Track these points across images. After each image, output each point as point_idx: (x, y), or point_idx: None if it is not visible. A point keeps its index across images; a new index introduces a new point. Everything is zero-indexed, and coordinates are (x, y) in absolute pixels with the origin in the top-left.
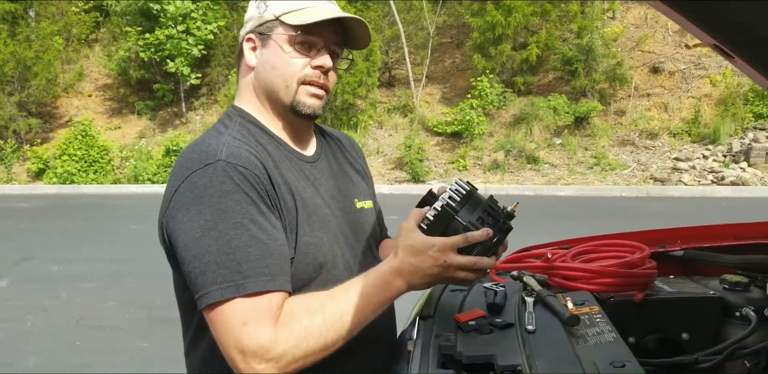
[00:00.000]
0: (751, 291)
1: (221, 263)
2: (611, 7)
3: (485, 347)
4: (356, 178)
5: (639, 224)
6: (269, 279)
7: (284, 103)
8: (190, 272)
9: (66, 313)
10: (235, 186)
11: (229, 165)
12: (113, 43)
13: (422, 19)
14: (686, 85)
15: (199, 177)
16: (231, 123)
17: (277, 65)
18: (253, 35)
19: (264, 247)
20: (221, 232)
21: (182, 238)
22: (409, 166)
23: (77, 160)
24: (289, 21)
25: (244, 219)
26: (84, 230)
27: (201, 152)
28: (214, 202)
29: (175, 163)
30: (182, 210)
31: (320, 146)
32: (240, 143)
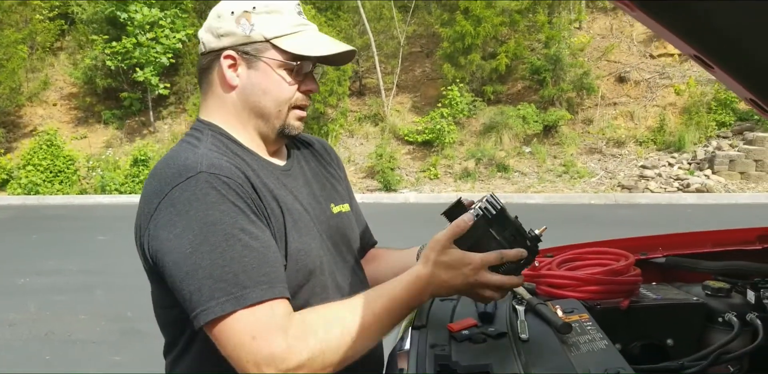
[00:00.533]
0: (732, 297)
1: (217, 276)
2: (578, 17)
3: (480, 356)
4: (331, 182)
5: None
6: (268, 287)
7: (274, 126)
8: (183, 289)
9: (34, 327)
10: (220, 197)
11: (211, 176)
12: (79, 52)
13: (392, 28)
14: (651, 95)
15: (180, 191)
16: (203, 136)
17: (270, 90)
18: (233, 53)
19: (258, 255)
20: (212, 245)
21: (171, 256)
22: (380, 175)
23: (42, 170)
24: (285, 47)
25: (234, 229)
26: (50, 241)
27: (179, 166)
28: (201, 215)
29: (148, 181)
30: (167, 227)
31: (292, 154)
32: (218, 154)
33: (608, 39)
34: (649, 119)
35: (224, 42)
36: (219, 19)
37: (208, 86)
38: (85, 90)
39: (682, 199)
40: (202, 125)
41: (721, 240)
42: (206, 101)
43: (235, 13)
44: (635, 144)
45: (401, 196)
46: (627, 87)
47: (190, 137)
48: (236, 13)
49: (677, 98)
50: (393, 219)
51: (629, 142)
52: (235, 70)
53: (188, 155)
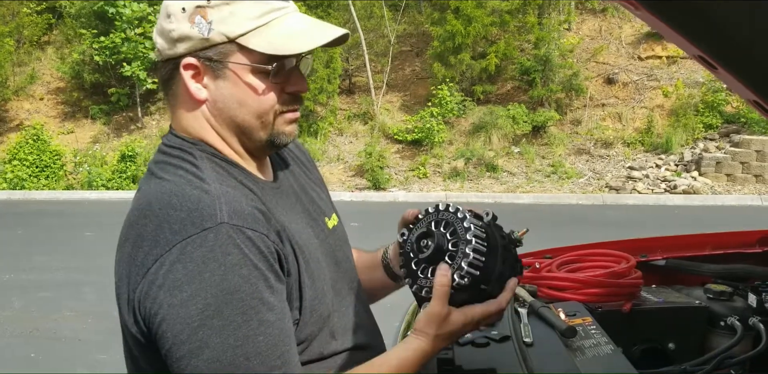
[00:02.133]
0: (734, 301)
1: (225, 360)
2: (567, 18)
3: (484, 360)
4: (316, 191)
5: (596, 232)
6: (282, 372)
7: (261, 139)
8: (183, 369)
9: (19, 324)
10: (242, 257)
11: (234, 229)
12: (67, 46)
13: (383, 27)
14: (639, 96)
15: (194, 246)
16: (198, 161)
17: (246, 101)
18: (194, 60)
19: (275, 332)
20: (226, 320)
21: (172, 326)
22: (369, 173)
23: (28, 165)
24: (253, 46)
25: (254, 300)
26: (36, 237)
27: (191, 211)
28: (218, 280)
29: (140, 219)
30: (170, 290)
31: (275, 163)
32: (233, 191)
33: (597, 41)
34: (637, 120)
35: (180, 48)
36: (169, 19)
37: (175, 99)
38: (72, 85)
39: (669, 200)
40: (186, 144)
41: (721, 243)
42: (177, 113)
43: (187, 9)
44: (623, 145)
45: (390, 195)
46: (615, 88)
47: (181, 160)
48: (188, 9)
49: (665, 99)
50: (382, 218)
51: (617, 143)
52: (200, 80)
53: (201, 195)
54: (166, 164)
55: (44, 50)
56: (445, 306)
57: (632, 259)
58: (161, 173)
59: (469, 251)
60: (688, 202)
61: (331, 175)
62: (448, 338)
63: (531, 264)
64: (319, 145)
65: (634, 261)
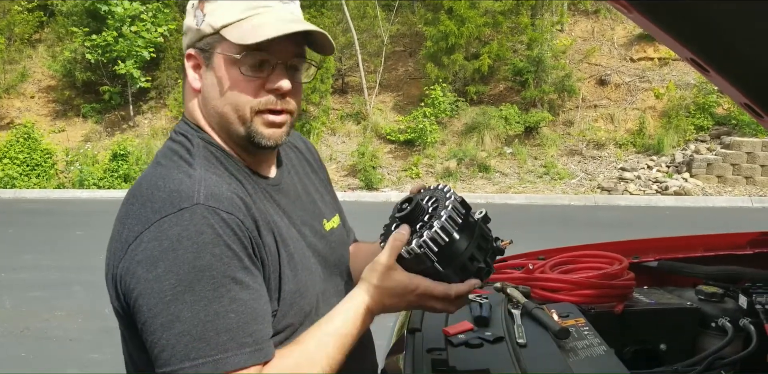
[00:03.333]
0: (725, 302)
1: (196, 334)
2: (560, 20)
3: (478, 361)
4: (321, 193)
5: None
6: (252, 350)
7: (240, 134)
8: (155, 342)
9: (10, 323)
10: (215, 237)
11: (209, 210)
12: (58, 44)
13: (376, 27)
14: (631, 98)
15: (170, 224)
16: (194, 148)
17: (225, 91)
18: (193, 51)
19: (247, 311)
20: (197, 295)
21: (147, 300)
22: (362, 173)
23: (19, 163)
24: (230, 37)
25: (225, 278)
26: (27, 236)
27: (171, 191)
28: (190, 257)
29: (130, 199)
30: (147, 265)
31: (280, 163)
32: (216, 177)
33: (589, 42)
34: (629, 121)
35: (186, 40)
36: (187, 14)
37: (185, 90)
38: (63, 83)
39: (661, 201)
40: (191, 131)
41: (713, 245)
42: (186, 102)
43: (194, 4)
44: (615, 146)
45: (383, 195)
46: (607, 90)
47: (180, 146)
48: (195, 4)
49: (657, 101)
50: (374, 218)
51: (609, 144)
52: (198, 71)
53: (183, 178)
54: (168, 150)
55: (35, 48)
56: (391, 259)
57: (625, 260)
58: (160, 159)
59: (435, 227)
60: (679, 203)
61: None
62: (388, 295)
63: (524, 265)
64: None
65: (626, 263)
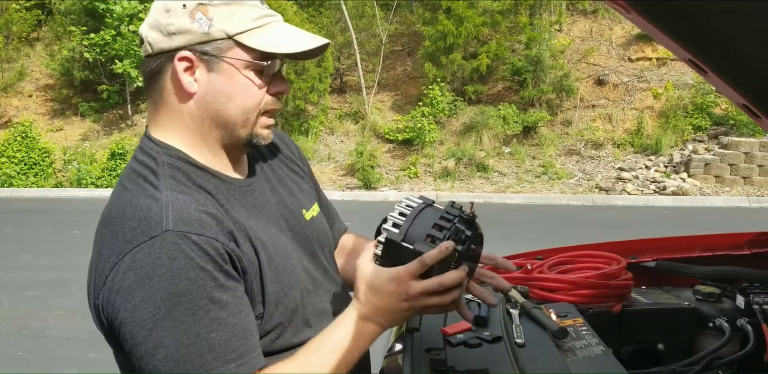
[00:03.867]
0: (723, 302)
1: (179, 358)
2: (558, 19)
3: (476, 361)
4: (297, 183)
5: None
6: (237, 366)
7: (240, 136)
8: (142, 368)
9: (8, 323)
10: (188, 262)
11: (179, 235)
12: (56, 43)
13: (374, 26)
14: (629, 98)
15: (143, 254)
16: (159, 168)
17: (236, 96)
18: (190, 54)
19: (228, 328)
20: (176, 321)
21: (129, 329)
22: (360, 172)
23: (17, 162)
24: (251, 44)
25: (203, 300)
26: (25, 235)
27: (141, 220)
28: (165, 285)
29: (102, 227)
30: (124, 295)
31: (251, 161)
32: (183, 196)
33: (588, 42)
34: (627, 121)
35: (177, 41)
36: (168, 13)
37: (159, 95)
38: (61, 82)
39: (659, 201)
40: (155, 148)
41: (711, 245)
42: (157, 114)
43: (188, 6)
44: (613, 146)
45: (381, 194)
46: (606, 90)
47: (144, 168)
48: (189, 6)
49: (655, 101)
50: (373, 217)
51: (607, 144)
52: (192, 73)
53: (150, 204)
54: (132, 172)
55: (33, 47)
56: (369, 261)
57: (623, 260)
58: (125, 182)
59: (389, 217)
60: (677, 203)
61: (321, 174)
62: (376, 297)
63: (523, 265)
64: (310, 144)
65: (624, 263)
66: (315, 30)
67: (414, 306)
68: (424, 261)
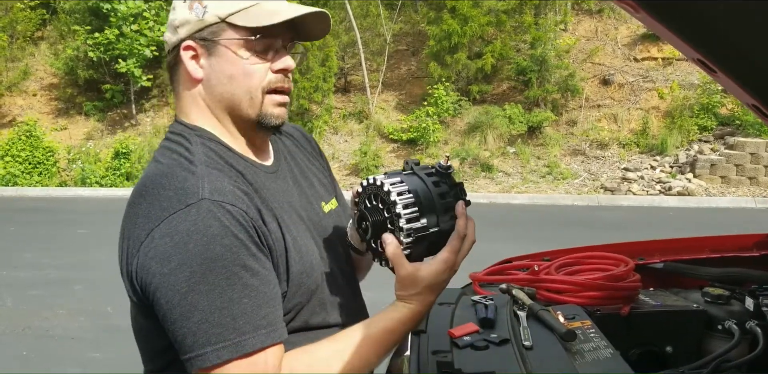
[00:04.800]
0: (732, 305)
1: (213, 321)
2: (564, 19)
3: (484, 363)
4: (318, 177)
5: (591, 232)
6: (267, 332)
7: (249, 117)
8: (176, 331)
9: (11, 322)
10: (223, 229)
11: (214, 204)
12: (60, 42)
13: (379, 25)
14: (635, 98)
15: (179, 220)
16: (193, 145)
17: (236, 75)
18: (192, 42)
19: (259, 295)
20: (211, 285)
21: (164, 293)
22: (364, 172)
23: (21, 161)
24: (240, 23)
25: (236, 267)
26: (28, 234)
27: (177, 189)
28: (201, 250)
29: (137, 198)
30: (160, 260)
31: (277, 150)
32: (217, 172)
33: (593, 41)
34: (633, 121)
35: (181, 33)
36: (174, 11)
37: (178, 85)
38: (66, 81)
39: (664, 202)
40: (187, 130)
41: (719, 246)
42: (180, 101)
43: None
44: (618, 146)
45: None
46: (611, 90)
47: (178, 145)
48: None
49: (660, 101)
50: None
51: (612, 144)
52: (197, 61)
53: (186, 176)
54: (166, 150)
55: (38, 46)
56: (406, 267)
57: (631, 262)
58: (159, 158)
59: (399, 211)
60: (683, 204)
61: None
62: (433, 289)
63: (530, 267)
64: None
65: (632, 264)
66: None
67: (456, 266)
68: (461, 234)
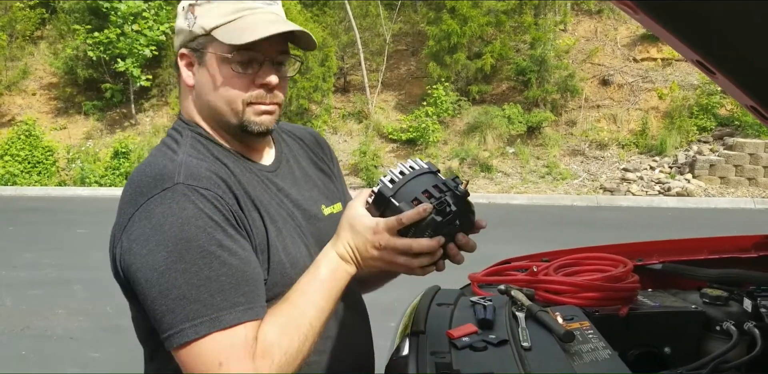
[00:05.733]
0: (730, 306)
1: (191, 297)
2: (563, 19)
3: (482, 365)
4: (323, 181)
5: (590, 233)
6: (245, 309)
7: (233, 124)
8: (155, 310)
9: (10, 322)
10: (197, 211)
11: (188, 188)
12: (60, 41)
13: (379, 25)
14: (634, 98)
15: (156, 204)
16: (182, 139)
17: (217, 87)
18: (186, 51)
19: (237, 273)
20: (188, 263)
21: (143, 273)
22: (364, 172)
23: (20, 160)
24: (221, 38)
25: (212, 246)
26: (27, 234)
27: (156, 175)
28: (176, 231)
29: (125, 187)
30: (140, 242)
31: (279, 152)
32: (197, 161)
33: (592, 42)
34: (632, 122)
35: (178, 41)
36: (177, 17)
37: (180, 87)
38: (65, 80)
39: (663, 202)
40: (183, 125)
41: (717, 247)
42: (181, 99)
43: (185, 8)
44: (617, 147)
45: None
46: (610, 90)
47: (170, 139)
48: (185, 7)
49: (660, 102)
50: None
51: (612, 145)
52: (191, 68)
53: (165, 163)
54: (161, 144)
55: (37, 45)
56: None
57: (629, 263)
58: (152, 151)
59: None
60: (682, 204)
61: None
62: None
63: (528, 267)
64: None
65: (631, 265)
66: (319, 29)
67: (383, 258)
68: (401, 219)
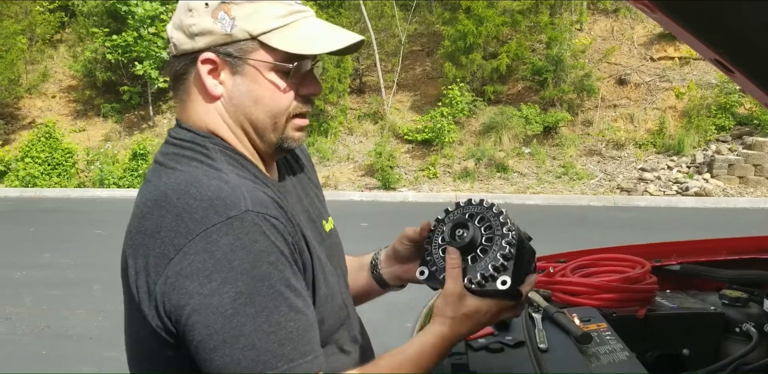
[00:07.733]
0: (750, 307)
1: (261, 347)
2: (579, 19)
3: (499, 366)
4: (315, 193)
5: (607, 233)
6: (312, 358)
7: (271, 141)
8: (216, 359)
9: (31, 321)
10: (269, 244)
11: (259, 216)
12: (79, 44)
13: (394, 26)
14: (651, 97)
15: (221, 234)
16: (212, 153)
17: (262, 100)
18: (213, 56)
19: (303, 318)
20: (258, 306)
21: (205, 317)
22: (379, 173)
23: (40, 162)
24: (275, 45)
25: (282, 286)
26: (48, 235)
27: (212, 200)
28: (248, 267)
29: (156, 210)
30: (198, 279)
31: (280, 164)
32: (249, 182)
33: (609, 41)
34: (649, 121)
35: (200, 43)
36: (191, 13)
37: (187, 95)
38: (84, 83)
39: (681, 202)
40: (198, 137)
41: (736, 248)
42: (186, 112)
43: (211, 5)
44: (635, 147)
45: (400, 194)
46: (627, 89)
47: (194, 152)
48: (212, 5)
49: (677, 101)
50: (391, 218)
51: (629, 144)
52: (216, 76)
53: (219, 185)
54: (178, 156)
55: (56, 48)
56: (458, 286)
57: (647, 264)
58: (173, 164)
59: (505, 245)
60: (700, 204)
61: (341, 174)
62: (466, 322)
63: (545, 268)
64: (329, 144)
65: (649, 266)
66: None
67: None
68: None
